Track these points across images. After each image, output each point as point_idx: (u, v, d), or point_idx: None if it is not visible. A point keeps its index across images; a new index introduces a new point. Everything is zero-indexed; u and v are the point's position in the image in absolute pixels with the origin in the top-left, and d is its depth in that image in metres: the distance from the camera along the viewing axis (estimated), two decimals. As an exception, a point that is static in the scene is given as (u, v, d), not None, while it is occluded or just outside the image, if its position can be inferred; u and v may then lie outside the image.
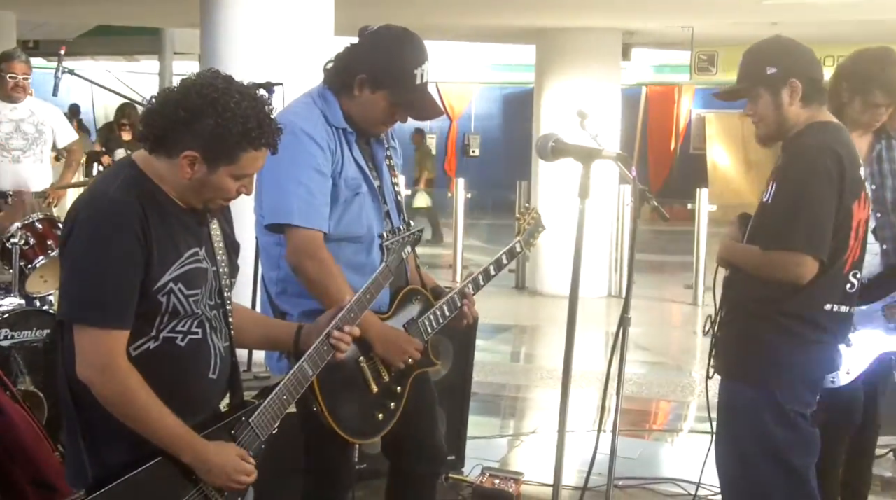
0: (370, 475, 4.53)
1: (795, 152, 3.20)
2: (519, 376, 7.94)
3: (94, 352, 2.36)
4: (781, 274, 3.14)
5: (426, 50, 3.24)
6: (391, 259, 2.73)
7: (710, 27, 11.59)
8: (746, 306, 3.26)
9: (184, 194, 2.48)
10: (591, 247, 10.63)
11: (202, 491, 2.45)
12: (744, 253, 3.27)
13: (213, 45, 7.10)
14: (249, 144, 2.43)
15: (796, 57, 3.26)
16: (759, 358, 3.21)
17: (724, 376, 3.33)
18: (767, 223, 3.19)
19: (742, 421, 3.27)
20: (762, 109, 3.22)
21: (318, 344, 2.61)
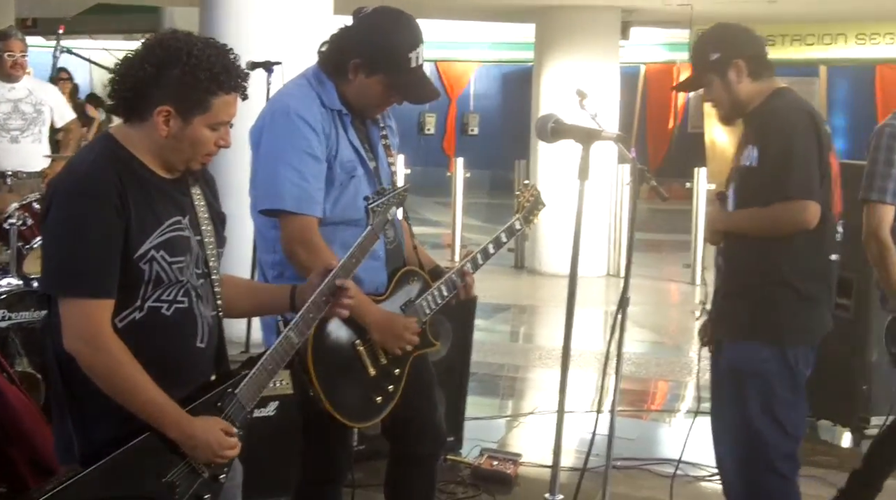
0: (369, 456, 4.53)
1: (770, 116, 3.39)
2: (518, 357, 7.94)
3: (79, 323, 2.36)
4: (790, 224, 3.31)
5: (421, 32, 3.21)
6: (377, 222, 2.66)
7: (709, 5, 11.54)
8: (756, 272, 3.38)
9: (163, 156, 2.48)
10: (590, 226, 10.62)
11: (189, 464, 2.46)
12: (745, 217, 3.40)
13: (212, 23, 7.07)
14: (219, 87, 2.43)
15: (735, 39, 3.49)
16: (776, 317, 3.38)
17: (735, 337, 3.43)
18: (761, 183, 3.33)
19: (751, 383, 3.39)
20: (716, 93, 3.47)
21: (303, 311, 2.59)
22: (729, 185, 3.52)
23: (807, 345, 3.44)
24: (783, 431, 3.43)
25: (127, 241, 2.38)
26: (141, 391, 2.38)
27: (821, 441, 5.62)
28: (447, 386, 4.71)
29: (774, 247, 3.35)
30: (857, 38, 13.05)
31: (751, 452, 3.44)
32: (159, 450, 2.42)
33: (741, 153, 3.43)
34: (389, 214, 2.71)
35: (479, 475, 4.81)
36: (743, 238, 3.41)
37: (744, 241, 3.41)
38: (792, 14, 12.48)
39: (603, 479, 3.34)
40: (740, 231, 3.41)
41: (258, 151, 3.22)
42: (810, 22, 13.17)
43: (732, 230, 3.44)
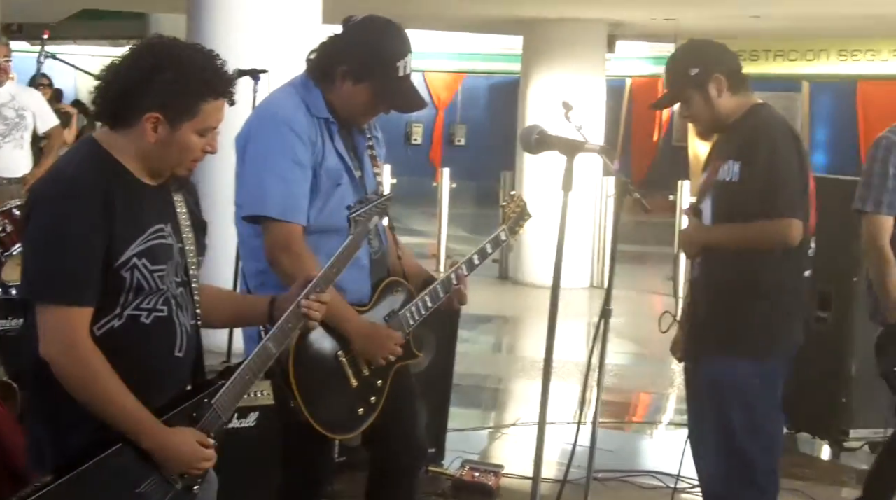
0: (350, 468, 4.51)
1: (754, 132, 3.40)
2: (501, 368, 7.94)
3: (56, 330, 2.34)
4: (775, 241, 3.34)
5: (409, 42, 3.21)
6: (358, 231, 2.65)
7: (694, 19, 11.60)
8: (735, 286, 3.39)
9: (150, 162, 2.46)
10: (574, 238, 10.62)
11: (162, 476, 2.44)
12: (727, 232, 3.41)
13: (199, 30, 7.06)
14: (210, 93, 2.42)
15: (713, 54, 3.51)
16: (754, 331, 3.40)
17: (715, 352, 3.42)
18: (743, 199, 3.34)
19: (731, 397, 3.40)
20: (695, 108, 3.47)
21: (282, 322, 2.57)
22: (703, 198, 3.52)
23: (784, 357, 3.47)
24: (764, 446, 3.45)
25: (109, 248, 2.36)
26: (115, 401, 2.36)
27: (800, 454, 5.63)
28: (429, 397, 4.70)
29: (753, 261, 3.37)
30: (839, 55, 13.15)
31: (733, 467, 3.43)
32: (133, 460, 2.40)
33: (718, 167, 3.43)
34: (372, 222, 2.69)
35: (461, 486, 4.81)
36: (721, 253, 3.41)
37: (722, 255, 3.41)
38: (775, 30, 12.56)
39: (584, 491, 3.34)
40: (721, 246, 3.42)
41: (244, 159, 3.21)
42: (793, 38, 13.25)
43: (713, 245, 3.44)
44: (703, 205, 3.49)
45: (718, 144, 3.54)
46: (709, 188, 3.48)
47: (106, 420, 2.37)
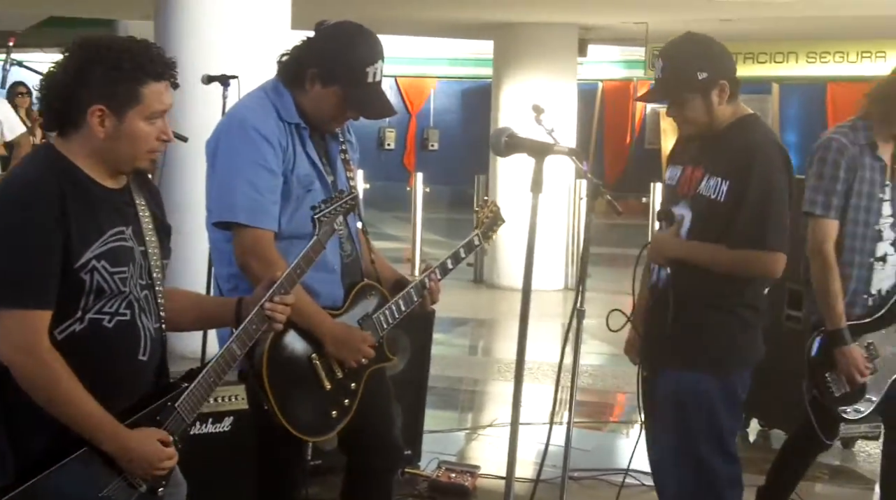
0: (325, 471, 4.52)
1: (744, 151, 3.27)
2: (476, 370, 7.96)
3: (15, 333, 2.34)
4: (758, 271, 3.30)
5: (381, 48, 3.22)
6: (322, 231, 2.65)
7: (664, 23, 11.67)
8: (702, 299, 3.32)
9: (106, 160, 2.46)
10: (547, 240, 10.67)
11: (126, 479, 2.44)
12: (707, 252, 3.29)
13: (167, 37, 7.04)
14: (146, 75, 2.42)
15: (721, 58, 3.34)
16: (719, 346, 3.33)
17: (678, 366, 3.37)
18: (726, 222, 3.23)
19: (696, 414, 3.33)
20: (692, 112, 3.30)
21: (245, 324, 2.57)
22: (672, 204, 3.41)
23: (746, 371, 3.41)
24: (729, 458, 3.40)
25: (67, 251, 2.36)
26: (77, 404, 2.36)
27: (773, 451, 5.66)
28: (405, 400, 4.71)
29: (722, 278, 3.29)
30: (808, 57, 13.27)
31: (699, 482, 3.38)
32: (96, 464, 2.40)
33: (700, 178, 3.30)
34: (336, 223, 2.70)
35: (437, 487, 4.82)
36: (692, 267, 3.31)
37: (693, 270, 3.31)
38: (745, 33, 12.66)
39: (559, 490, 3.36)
40: (700, 264, 3.30)
41: (214, 164, 3.21)
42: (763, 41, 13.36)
43: (688, 261, 3.32)
44: (680, 214, 3.36)
45: (698, 150, 3.38)
46: (684, 197, 3.36)
47: (67, 424, 2.37)
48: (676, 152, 3.54)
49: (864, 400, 3.82)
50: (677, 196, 3.41)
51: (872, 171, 3.78)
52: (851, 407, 3.82)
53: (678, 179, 3.43)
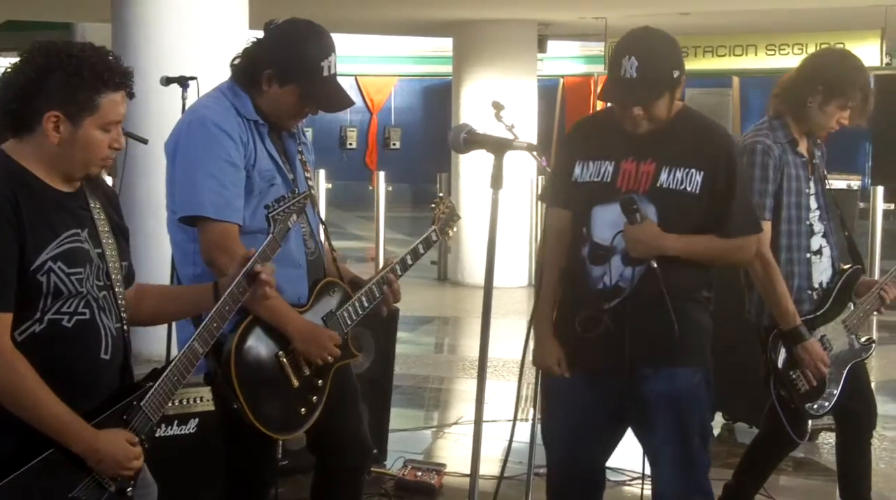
0: (293, 471, 4.50)
1: (718, 140, 3.24)
2: (442, 368, 7.97)
3: None
4: (747, 256, 3.37)
5: (333, 42, 3.23)
6: (278, 229, 2.67)
7: (623, 18, 11.71)
8: (685, 293, 3.25)
9: (59, 165, 2.46)
10: (511, 237, 10.71)
11: (95, 479, 2.44)
12: (705, 243, 3.24)
13: (125, 39, 7.00)
14: (104, 85, 2.43)
15: (681, 55, 3.30)
16: (699, 338, 3.31)
17: (669, 364, 3.26)
18: (703, 212, 3.19)
19: (690, 411, 3.30)
20: (659, 109, 3.20)
21: (206, 322, 2.58)
22: (604, 202, 3.26)
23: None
24: (707, 450, 3.38)
25: (23, 254, 2.36)
26: (43, 406, 2.36)
27: (738, 444, 5.72)
28: (370, 398, 4.71)
29: (696, 268, 3.27)
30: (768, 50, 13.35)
31: (691, 478, 3.34)
32: (64, 466, 2.40)
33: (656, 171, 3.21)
34: (291, 221, 2.71)
35: (403, 486, 4.82)
36: (676, 261, 3.21)
37: (675, 264, 3.21)
38: (704, 26, 12.74)
39: (525, 486, 3.37)
40: (694, 255, 3.24)
41: (174, 162, 3.20)
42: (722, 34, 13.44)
43: (687, 254, 3.22)
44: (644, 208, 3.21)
45: (643, 143, 3.24)
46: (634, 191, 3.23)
47: (34, 425, 2.37)
48: (592, 147, 3.31)
49: (826, 394, 3.86)
50: (616, 191, 3.24)
51: (796, 167, 3.82)
52: (816, 403, 3.85)
53: (613, 175, 3.27)
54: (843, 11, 11.21)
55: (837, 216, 3.95)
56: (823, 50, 4.37)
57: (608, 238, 3.24)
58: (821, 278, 3.88)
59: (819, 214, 3.87)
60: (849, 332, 3.91)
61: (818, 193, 3.88)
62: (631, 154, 3.25)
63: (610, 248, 3.25)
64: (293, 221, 2.72)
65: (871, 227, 9.75)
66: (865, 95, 3.81)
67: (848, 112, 3.82)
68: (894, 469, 5.35)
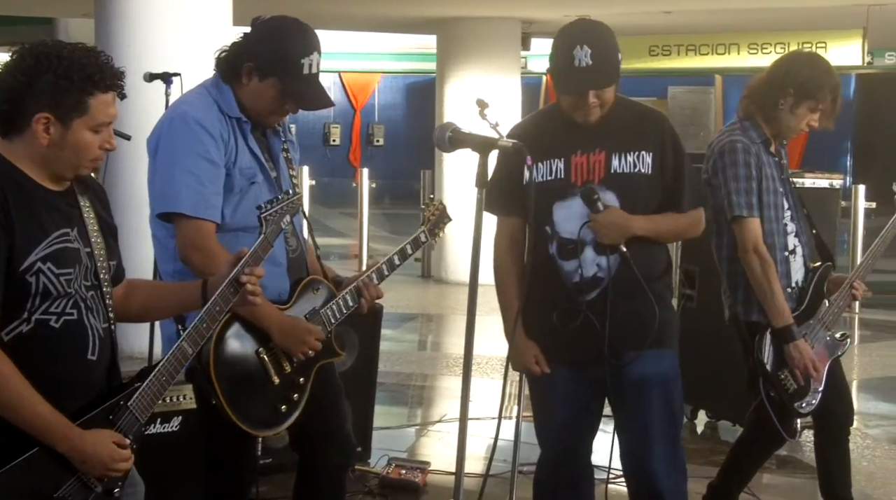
0: (276, 469, 4.50)
1: (657, 120, 3.43)
2: (426, 365, 7.96)
3: None
4: (699, 229, 3.51)
5: (317, 40, 3.22)
6: (269, 230, 2.65)
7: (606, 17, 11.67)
8: (656, 276, 3.38)
9: (49, 166, 2.45)
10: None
11: (81, 479, 2.43)
12: (668, 221, 3.39)
13: (108, 35, 6.97)
14: (94, 87, 2.42)
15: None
16: (674, 320, 3.46)
17: (655, 345, 3.32)
18: (656, 191, 3.34)
19: (674, 389, 3.41)
20: (610, 96, 3.31)
21: (196, 322, 2.56)
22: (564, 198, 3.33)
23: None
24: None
25: (11, 254, 2.35)
26: (27, 405, 2.35)
27: (721, 441, 5.75)
28: (354, 396, 4.69)
29: (662, 249, 3.46)
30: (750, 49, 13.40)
31: (679, 458, 3.41)
32: (49, 466, 2.38)
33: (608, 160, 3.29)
34: (283, 222, 2.70)
35: (387, 484, 4.81)
36: (640, 242, 3.31)
37: (642, 247, 3.31)
38: (687, 25, 12.78)
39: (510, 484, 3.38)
40: (660, 234, 3.38)
41: (155, 158, 3.20)
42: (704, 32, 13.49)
43: (654, 234, 3.34)
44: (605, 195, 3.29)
45: (586, 136, 3.31)
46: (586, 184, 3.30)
47: (18, 425, 2.35)
48: (539, 147, 3.25)
49: (812, 392, 3.88)
50: (571, 186, 3.31)
51: (770, 167, 3.85)
52: (804, 401, 3.88)
53: (566, 171, 3.33)
54: (825, 11, 11.26)
55: (805, 215, 3.98)
56: (793, 53, 4.38)
57: (574, 231, 3.32)
58: (796, 276, 3.90)
59: (790, 214, 3.90)
60: (825, 328, 3.93)
61: (787, 193, 3.91)
62: (578, 148, 3.33)
63: (578, 241, 3.32)
64: (286, 223, 2.71)
65: (853, 225, 9.82)
66: (835, 97, 3.86)
67: (818, 114, 3.86)
68: (877, 467, 5.37)
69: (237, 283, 2.57)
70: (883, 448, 5.72)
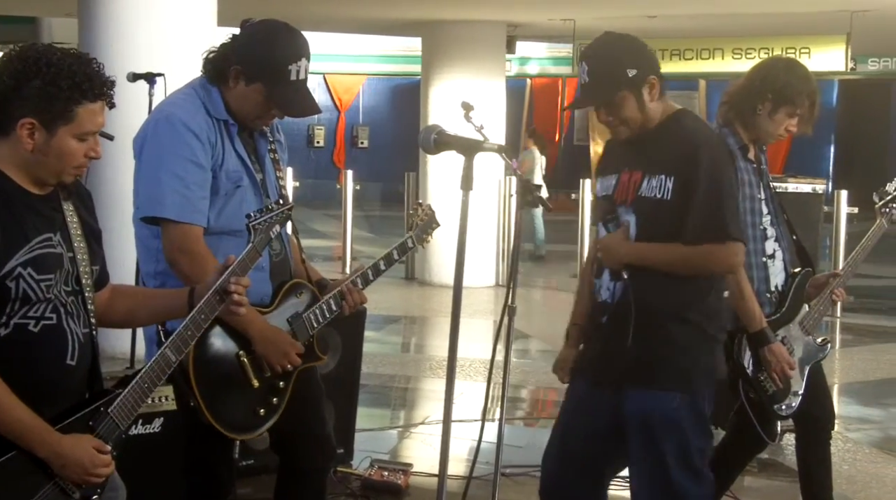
0: (257, 471, 4.49)
1: (690, 146, 3.19)
2: (408, 368, 7.96)
3: None
4: (719, 266, 3.22)
5: (306, 46, 3.19)
6: (258, 239, 2.63)
7: (591, 20, 11.77)
8: (664, 311, 3.21)
9: (31, 171, 2.43)
10: (478, 237, 10.72)
11: (58, 485, 2.40)
12: (664, 251, 3.21)
13: (92, 34, 6.94)
14: (82, 96, 2.40)
15: (647, 55, 3.29)
16: (685, 361, 3.22)
17: (644, 385, 3.23)
18: (674, 219, 3.15)
19: (666, 435, 3.22)
20: (628, 111, 3.21)
21: (181, 329, 2.54)
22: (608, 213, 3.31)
23: (710, 385, 3.28)
24: (700, 479, 3.28)
25: None
26: (6, 409, 2.33)
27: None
28: (337, 398, 4.70)
29: (680, 284, 3.20)
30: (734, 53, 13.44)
31: None
32: (25, 471, 2.36)
33: (639, 180, 3.22)
34: (272, 232, 2.67)
35: (370, 485, 4.81)
36: (648, 273, 3.20)
37: (649, 277, 3.20)
38: (670, 30, 12.82)
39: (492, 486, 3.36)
40: (654, 264, 3.21)
41: (140, 160, 3.18)
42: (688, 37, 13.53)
43: (645, 262, 3.22)
44: (625, 219, 3.25)
45: (633, 153, 3.27)
46: (622, 204, 3.26)
47: None
48: (606, 163, 3.41)
49: (792, 394, 3.90)
50: (614, 206, 3.30)
51: (749, 173, 3.83)
52: (784, 403, 3.89)
53: (614, 188, 3.32)
54: (809, 17, 11.31)
55: (785, 221, 4.00)
56: (772, 58, 4.40)
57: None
58: (775, 280, 3.91)
59: (770, 219, 3.91)
60: (806, 333, 3.95)
61: (767, 198, 3.92)
62: (626, 165, 3.29)
63: (600, 260, 3.33)
64: (275, 232, 2.68)
65: (835, 230, 9.86)
66: (812, 102, 3.86)
67: (796, 120, 3.86)
68: (857, 471, 5.40)
69: (224, 292, 2.55)
70: (863, 452, 5.75)
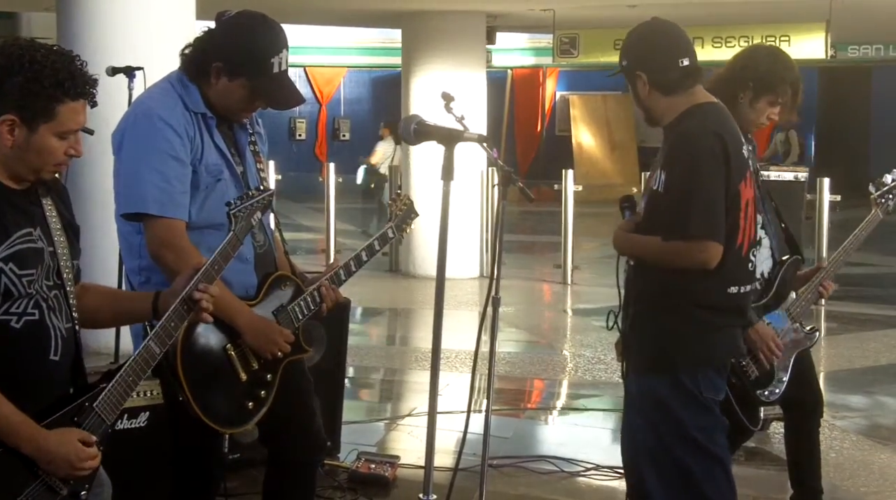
0: (246, 465, 4.48)
1: (677, 139, 3.26)
2: (394, 360, 7.96)
3: None
4: (687, 262, 3.21)
5: (285, 37, 3.18)
6: (238, 227, 2.62)
7: (570, 10, 11.77)
8: (657, 298, 3.29)
9: (10, 166, 2.42)
10: (462, 228, 10.72)
11: (45, 482, 2.39)
12: (644, 244, 3.31)
13: (71, 29, 6.90)
14: (64, 94, 2.38)
15: (641, 50, 3.34)
16: (670, 347, 3.28)
17: (637, 370, 3.34)
18: (663, 212, 3.24)
19: (658, 414, 3.29)
20: (636, 99, 3.38)
21: (164, 321, 2.53)
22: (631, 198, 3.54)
23: (706, 370, 3.31)
24: (703, 455, 3.32)
25: None
26: None
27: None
28: (323, 391, 4.66)
29: (670, 274, 3.25)
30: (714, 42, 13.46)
31: (675, 479, 3.33)
32: (12, 468, 2.34)
33: (654, 172, 3.34)
34: (253, 219, 2.66)
35: (357, 478, 4.80)
36: (645, 264, 3.32)
37: (646, 268, 3.32)
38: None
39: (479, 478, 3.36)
40: (638, 257, 3.34)
41: (120, 155, 3.16)
42: (669, 26, 13.58)
43: (630, 255, 3.37)
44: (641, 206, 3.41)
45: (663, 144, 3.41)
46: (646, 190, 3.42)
47: None
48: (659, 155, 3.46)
49: (776, 381, 3.91)
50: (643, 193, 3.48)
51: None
52: (767, 389, 3.90)
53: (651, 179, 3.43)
54: (789, 4, 11.34)
55: (773, 208, 4.01)
56: (753, 46, 4.42)
57: None
58: (762, 267, 3.92)
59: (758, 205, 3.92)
60: (793, 321, 3.96)
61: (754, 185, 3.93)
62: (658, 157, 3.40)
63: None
64: (256, 220, 2.67)
65: (818, 218, 9.89)
66: (795, 91, 3.87)
67: (778, 108, 3.87)
68: (845, 459, 5.42)
69: (191, 301, 2.53)
70: (850, 440, 5.77)
